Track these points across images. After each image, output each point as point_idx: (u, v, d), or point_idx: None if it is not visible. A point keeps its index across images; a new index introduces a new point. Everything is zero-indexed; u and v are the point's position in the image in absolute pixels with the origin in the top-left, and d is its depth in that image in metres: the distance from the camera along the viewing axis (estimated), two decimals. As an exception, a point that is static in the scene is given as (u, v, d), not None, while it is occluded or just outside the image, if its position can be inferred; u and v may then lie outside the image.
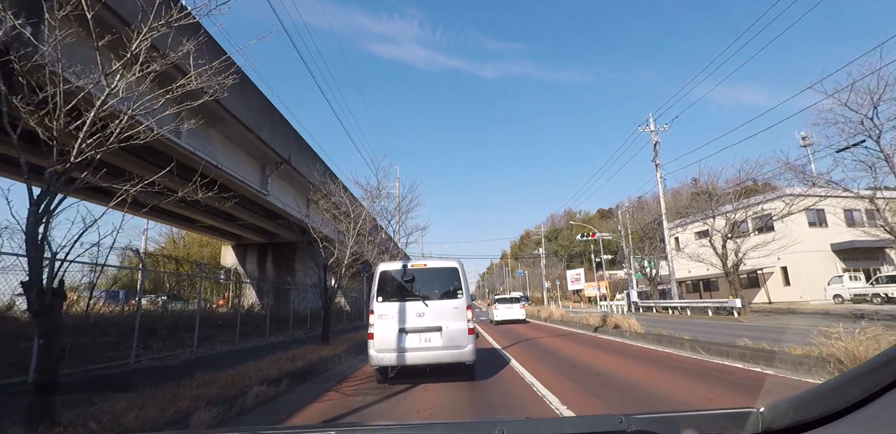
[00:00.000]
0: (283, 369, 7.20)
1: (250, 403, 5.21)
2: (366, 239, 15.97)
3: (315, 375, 7.75)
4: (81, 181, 3.56)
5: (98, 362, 7.73)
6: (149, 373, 7.34)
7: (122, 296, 13.95)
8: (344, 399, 5.78)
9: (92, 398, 4.72)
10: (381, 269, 6.95)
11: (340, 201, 14.35)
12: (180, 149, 11.49)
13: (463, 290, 6.74)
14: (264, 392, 5.61)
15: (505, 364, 8.43)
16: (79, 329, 8.40)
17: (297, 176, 18.23)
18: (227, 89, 4.63)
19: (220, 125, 13.56)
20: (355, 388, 6.49)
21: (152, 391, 5.16)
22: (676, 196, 42.69)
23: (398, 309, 6.58)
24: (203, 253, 40.39)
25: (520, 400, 5.45)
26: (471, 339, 6.46)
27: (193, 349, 10.44)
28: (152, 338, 10.32)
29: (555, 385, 6.18)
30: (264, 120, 15.20)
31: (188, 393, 5.18)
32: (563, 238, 74.84)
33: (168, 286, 14.66)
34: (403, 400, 5.64)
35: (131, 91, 4.04)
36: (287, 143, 17.25)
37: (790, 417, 0.93)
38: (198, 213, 19.35)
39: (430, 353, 6.38)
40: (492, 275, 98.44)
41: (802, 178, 15.15)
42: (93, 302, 9.84)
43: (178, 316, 12.23)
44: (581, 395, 5.59)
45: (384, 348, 6.39)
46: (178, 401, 4.77)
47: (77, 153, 3.44)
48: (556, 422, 1.50)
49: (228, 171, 14.12)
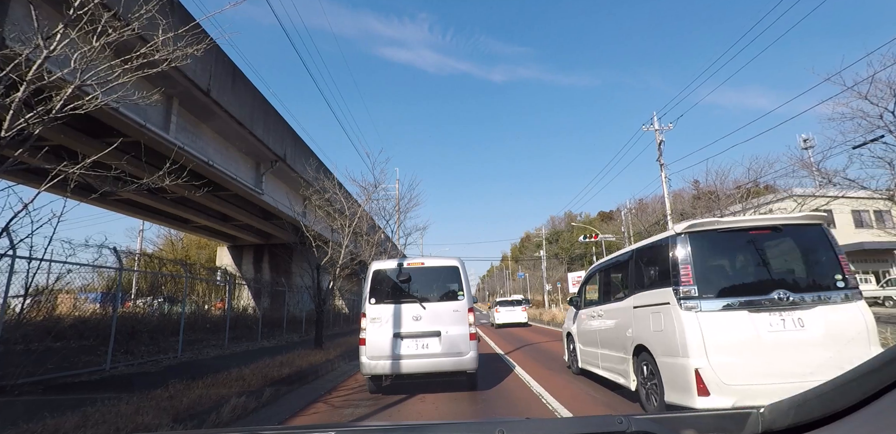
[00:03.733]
0: (268, 377, 6.63)
1: (225, 418, 4.64)
2: (363, 239, 15.42)
3: (304, 384, 7.17)
4: (14, 160, 3.02)
5: (70, 368, 7.16)
6: (122, 380, 6.77)
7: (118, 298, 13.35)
8: (331, 412, 5.21)
9: (42, 411, 4.16)
10: (373, 267, 6.37)
11: (335, 198, 13.79)
12: (168, 144, 10.96)
13: (464, 292, 6.17)
14: (243, 404, 5.03)
15: (509, 371, 7.86)
16: (55, 332, 7.85)
17: (292, 174, 17.72)
18: (219, 84, 4.11)
19: (212, 120, 13.05)
20: (345, 399, 5.92)
21: (116, 403, 4.61)
22: (678, 198, 42.17)
23: (393, 312, 6.00)
24: (201, 255, 39.97)
25: (529, 414, 4.88)
26: (473, 345, 5.86)
27: (178, 354, 9.88)
28: (135, 342, 9.76)
29: (565, 396, 5.61)
30: (258, 116, 14.69)
31: (155, 405, 4.62)
32: (563, 240, 74.24)
33: (163, 288, 14.10)
34: (397, 413, 5.08)
35: (84, 61, 3.50)
36: (283, 141, 16.74)
37: (791, 418, 0.93)
38: (191, 212, 18.83)
39: (428, 361, 5.79)
40: (492, 277, 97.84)
41: (818, 176, 14.59)
42: (71, 303, 9.32)
43: (165, 319, 11.66)
44: (594, 407, 5.03)
45: (377, 355, 5.81)
46: (141, 415, 4.21)
47: (9, 126, 2.91)
48: (555, 422, 1.46)
49: (221, 169, 13.58)
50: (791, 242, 4.33)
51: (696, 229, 4.28)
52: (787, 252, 4.35)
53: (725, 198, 21.03)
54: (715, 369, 3.73)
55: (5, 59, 3.22)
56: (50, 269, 6.75)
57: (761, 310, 3.90)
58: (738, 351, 3.80)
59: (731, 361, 3.76)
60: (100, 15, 3.24)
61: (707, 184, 24.59)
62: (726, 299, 3.99)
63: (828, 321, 3.87)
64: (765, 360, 3.76)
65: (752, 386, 3.67)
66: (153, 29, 4.04)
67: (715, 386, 3.69)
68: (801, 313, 3.91)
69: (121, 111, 8.45)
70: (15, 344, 6.42)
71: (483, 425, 1.19)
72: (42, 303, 7.13)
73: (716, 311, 3.95)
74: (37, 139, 3.54)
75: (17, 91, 3.23)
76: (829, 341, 3.79)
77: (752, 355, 3.77)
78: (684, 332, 3.93)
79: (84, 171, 3.41)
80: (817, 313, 3.90)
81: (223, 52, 11.98)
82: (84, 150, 8.81)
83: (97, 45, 3.26)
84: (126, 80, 3.50)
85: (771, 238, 4.32)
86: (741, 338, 3.83)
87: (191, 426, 4.18)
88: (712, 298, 3.99)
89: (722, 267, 4.36)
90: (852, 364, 2.43)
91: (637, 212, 39.01)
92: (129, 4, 3.98)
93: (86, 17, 3.19)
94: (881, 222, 26.79)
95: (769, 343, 3.80)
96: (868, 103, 11.50)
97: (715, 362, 3.75)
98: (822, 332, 3.82)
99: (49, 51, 3.03)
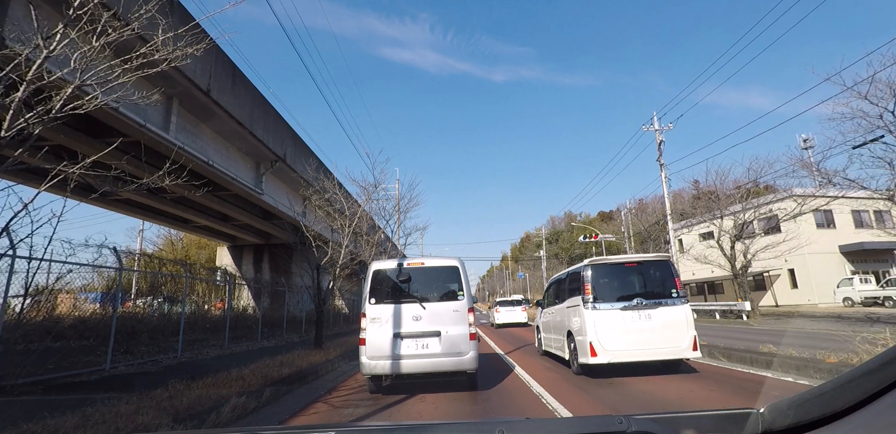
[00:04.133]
0: (268, 377, 6.63)
1: (225, 418, 4.64)
2: (363, 239, 15.42)
3: (303, 384, 7.17)
4: (14, 160, 3.02)
5: (70, 368, 7.15)
6: (122, 380, 6.77)
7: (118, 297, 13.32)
8: (331, 412, 5.21)
9: (42, 411, 4.16)
10: (373, 268, 6.38)
11: (335, 198, 13.79)
12: (168, 144, 10.95)
13: (464, 291, 6.17)
14: (243, 404, 5.03)
15: (509, 371, 7.85)
16: (55, 332, 7.84)
17: (292, 174, 17.71)
18: (219, 84, 4.10)
19: (212, 120, 13.04)
20: (345, 400, 5.92)
21: (116, 403, 4.61)
22: (677, 198, 42.15)
23: (393, 312, 6.00)
24: (201, 255, 39.95)
25: (529, 415, 4.87)
26: (473, 345, 5.88)
27: (178, 354, 9.87)
28: (135, 342, 9.75)
29: (566, 397, 5.61)
30: (258, 116, 14.68)
31: (155, 405, 4.62)
32: (563, 240, 74.20)
33: (163, 288, 14.07)
34: (397, 413, 5.08)
35: (84, 61, 3.50)
36: (282, 141, 16.73)
37: (790, 418, 0.93)
38: (192, 212, 18.82)
39: (428, 361, 5.80)
40: (492, 277, 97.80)
41: (818, 176, 14.58)
42: (71, 303, 9.31)
43: (165, 319, 11.65)
44: (594, 407, 5.03)
45: (377, 355, 5.82)
46: (141, 415, 4.21)
47: (8, 126, 2.90)
48: (555, 422, 1.47)
49: (221, 169, 13.58)
50: (649, 270, 7.07)
51: (594, 263, 7.13)
52: (646, 276, 7.06)
53: (725, 198, 21.03)
54: (601, 342, 6.46)
55: (5, 59, 3.22)
56: (50, 268, 6.75)
57: (627, 309, 6.62)
58: (613, 332, 6.50)
59: (609, 338, 6.47)
60: (100, 15, 3.23)
61: (707, 184, 24.62)
62: (609, 303, 6.71)
63: (664, 316, 6.58)
64: (627, 337, 6.48)
65: (619, 352, 6.40)
66: (153, 29, 4.04)
67: (600, 351, 6.41)
68: (650, 311, 6.61)
69: (121, 111, 8.45)
70: (15, 344, 6.41)
71: (483, 425, 1.19)
72: (42, 303, 7.12)
73: (603, 310, 6.67)
74: (37, 139, 3.54)
75: (17, 91, 3.23)
76: (664, 327, 6.52)
77: (620, 334, 6.48)
78: (585, 322, 6.65)
79: (84, 171, 3.41)
80: (659, 312, 6.62)
81: (223, 52, 11.97)
82: (84, 150, 8.81)
83: (97, 45, 3.26)
84: (126, 80, 3.50)
85: (638, 268, 7.11)
86: (615, 325, 6.54)
87: (191, 426, 4.17)
88: (601, 302, 6.73)
89: (608, 284, 6.99)
90: (675, 339, 6.45)
91: (637, 212, 38.98)
92: (128, 4, 3.97)
93: (86, 17, 3.18)
94: (881, 222, 26.74)
95: (631, 328, 6.52)
96: (868, 103, 11.51)
97: (601, 338, 6.48)
98: (661, 323, 6.55)
99: (49, 51, 3.02)
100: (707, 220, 22.66)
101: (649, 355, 6.39)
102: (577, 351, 6.89)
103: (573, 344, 7.14)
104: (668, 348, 6.37)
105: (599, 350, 6.39)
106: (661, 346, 6.38)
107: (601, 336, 6.45)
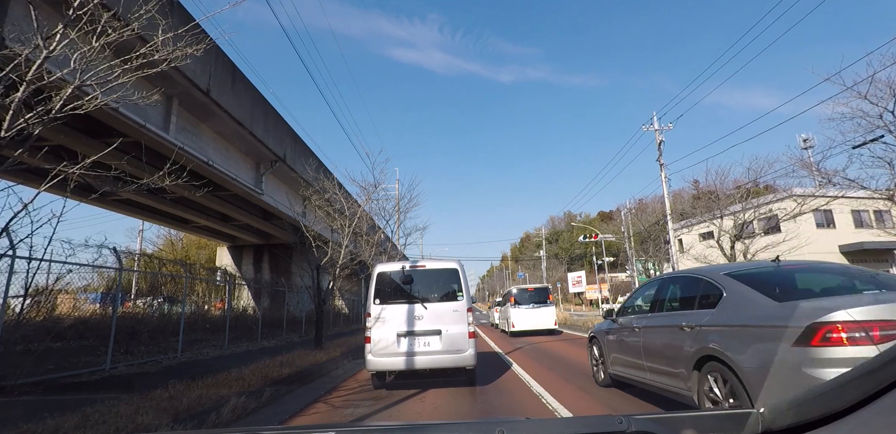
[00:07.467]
0: (268, 377, 6.63)
1: (225, 418, 4.64)
2: (362, 239, 15.41)
3: (304, 384, 7.17)
4: (14, 160, 3.02)
5: (70, 369, 7.16)
6: (122, 381, 6.77)
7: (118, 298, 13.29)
8: (332, 412, 5.21)
9: (42, 412, 4.16)
10: (378, 270, 6.65)
11: (335, 198, 13.78)
12: (168, 144, 10.95)
13: (463, 292, 6.42)
14: (243, 404, 5.03)
15: (507, 369, 7.86)
16: (55, 332, 7.84)
17: (292, 174, 17.71)
18: (219, 84, 4.10)
19: (212, 120, 13.04)
20: (346, 399, 5.92)
21: (116, 403, 4.60)
22: (677, 198, 42.15)
23: (396, 311, 6.27)
24: (201, 255, 39.93)
25: (529, 412, 4.88)
26: (471, 342, 6.13)
27: (178, 354, 9.87)
28: (135, 342, 9.75)
29: (563, 394, 5.61)
30: (258, 116, 14.68)
31: (155, 405, 4.62)
32: (563, 240, 74.25)
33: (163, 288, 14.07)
34: (397, 413, 5.08)
35: (84, 61, 3.49)
36: (282, 141, 16.72)
37: (790, 418, 0.93)
38: (191, 212, 18.81)
39: (430, 358, 6.08)
40: (492, 277, 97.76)
41: (817, 176, 14.57)
42: (71, 304, 9.31)
43: (165, 319, 11.64)
44: (592, 407, 5.03)
45: (382, 352, 6.09)
46: (141, 415, 4.21)
47: (8, 126, 2.90)
48: (556, 422, 1.47)
49: (221, 169, 13.57)
50: (537, 291, 18.18)
51: (516, 288, 18.06)
52: (536, 294, 17.85)
53: (725, 198, 21.01)
54: (515, 324, 16.58)
55: (5, 59, 3.22)
56: (50, 269, 6.74)
57: (524, 308, 16.80)
58: (520, 318, 16.62)
59: (517, 321, 16.57)
60: (99, 15, 3.23)
61: (707, 184, 24.54)
62: (518, 305, 16.92)
63: (542, 311, 16.77)
64: (524, 320, 16.55)
65: (523, 328, 16.43)
66: (153, 29, 4.04)
67: (516, 328, 16.56)
68: (535, 308, 16.80)
69: (121, 111, 8.45)
70: (15, 344, 6.41)
71: (483, 425, 1.20)
72: (42, 303, 7.11)
73: (516, 308, 16.88)
74: (37, 139, 3.54)
75: (16, 91, 3.23)
76: (541, 316, 16.66)
77: (522, 319, 16.59)
78: (510, 314, 17.00)
79: (84, 171, 3.41)
80: (541, 309, 16.75)
81: (223, 52, 11.97)
82: (84, 150, 8.80)
83: (97, 45, 3.26)
84: (126, 80, 3.50)
85: (533, 292, 17.77)
86: (520, 315, 16.67)
87: (191, 426, 4.17)
88: (516, 304, 17.02)
89: (520, 295, 17.32)
90: (544, 320, 17.63)
91: (637, 212, 38.96)
92: (128, 4, 3.97)
93: (85, 17, 3.18)
94: (881, 222, 26.76)
95: (526, 316, 16.62)
96: (868, 103, 11.49)
97: (514, 321, 16.63)
98: (540, 313, 16.69)
99: (49, 51, 3.02)
100: (707, 219, 22.65)
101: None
102: (507, 326, 18.48)
103: (507, 322, 17.52)
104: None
105: (515, 326, 17.18)
106: (535, 324, 16.39)
107: (514, 320, 17.05)
